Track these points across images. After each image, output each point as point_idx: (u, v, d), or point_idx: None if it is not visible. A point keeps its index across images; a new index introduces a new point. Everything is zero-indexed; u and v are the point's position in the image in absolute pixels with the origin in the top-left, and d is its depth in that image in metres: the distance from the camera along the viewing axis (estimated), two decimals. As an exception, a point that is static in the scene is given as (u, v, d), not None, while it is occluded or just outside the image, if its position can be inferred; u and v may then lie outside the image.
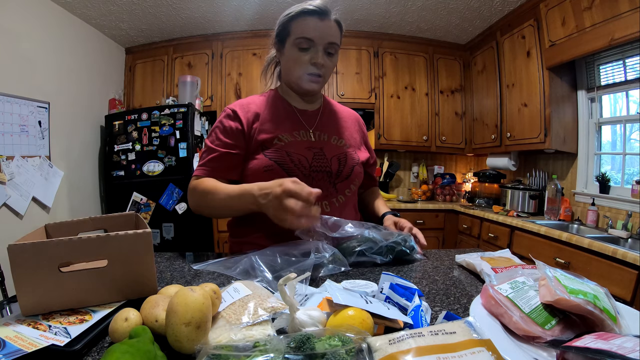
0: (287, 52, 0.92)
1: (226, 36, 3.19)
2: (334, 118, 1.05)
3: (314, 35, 0.87)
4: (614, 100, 2.27)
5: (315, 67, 0.90)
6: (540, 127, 2.39)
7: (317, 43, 0.88)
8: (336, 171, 0.95)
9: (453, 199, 3.27)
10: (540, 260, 0.59)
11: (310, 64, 0.90)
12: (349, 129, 1.07)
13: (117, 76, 3.27)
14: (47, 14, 2.40)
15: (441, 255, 0.98)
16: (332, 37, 0.89)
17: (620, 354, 0.35)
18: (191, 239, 2.69)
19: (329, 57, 0.91)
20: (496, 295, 0.53)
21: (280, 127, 0.95)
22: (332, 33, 0.89)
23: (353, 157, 1.00)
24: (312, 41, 0.88)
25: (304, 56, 0.90)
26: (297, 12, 0.88)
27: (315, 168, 0.93)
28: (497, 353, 0.39)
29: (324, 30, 0.88)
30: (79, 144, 2.76)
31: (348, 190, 0.98)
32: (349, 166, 0.97)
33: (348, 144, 1.02)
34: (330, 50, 0.91)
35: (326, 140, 0.98)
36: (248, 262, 0.75)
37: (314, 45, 0.89)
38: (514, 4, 2.58)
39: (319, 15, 0.87)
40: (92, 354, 0.46)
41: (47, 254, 0.52)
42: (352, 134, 1.07)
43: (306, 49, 0.89)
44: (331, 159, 0.96)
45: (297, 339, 0.41)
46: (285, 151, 0.91)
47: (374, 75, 3.23)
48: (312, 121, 1.00)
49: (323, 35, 0.88)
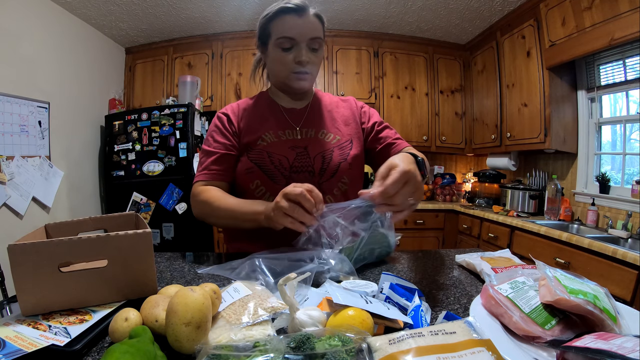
0: (271, 53, 0.91)
1: (226, 36, 3.19)
2: (323, 112, 1.02)
3: (294, 33, 0.86)
4: (614, 100, 2.27)
5: (300, 65, 0.89)
6: (540, 127, 2.39)
7: (299, 41, 0.87)
8: (319, 170, 0.92)
9: (453, 199, 3.27)
10: (540, 260, 0.59)
11: (295, 63, 0.89)
12: (339, 119, 1.01)
13: (117, 76, 3.27)
14: (47, 14, 2.40)
15: (441, 255, 0.98)
16: (313, 32, 0.87)
17: (620, 354, 0.35)
18: (191, 239, 2.69)
19: (313, 53, 0.90)
20: (496, 295, 0.53)
21: (264, 128, 0.94)
22: (313, 28, 0.87)
23: (341, 152, 0.95)
24: (294, 39, 0.87)
25: (287, 56, 0.88)
26: (275, 12, 0.87)
27: (295, 168, 0.91)
28: (497, 353, 0.39)
29: (304, 27, 0.86)
30: (79, 144, 2.76)
31: (336, 190, 0.93)
32: (334, 163, 0.93)
33: (338, 136, 0.97)
34: (314, 45, 0.89)
35: (312, 137, 0.95)
36: (251, 265, 0.74)
37: (297, 44, 0.87)
38: (514, 4, 2.58)
39: (297, 13, 0.85)
40: (92, 354, 0.46)
41: (47, 254, 0.52)
42: (345, 122, 1.01)
43: (289, 49, 0.88)
44: (315, 157, 0.92)
45: (297, 339, 0.41)
46: (266, 152, 0.91)
47: (374, 75, 3.23)
48: (300, 118, 0.98)
49: (303, 32, 0.86)
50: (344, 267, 0.73)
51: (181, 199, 2.67)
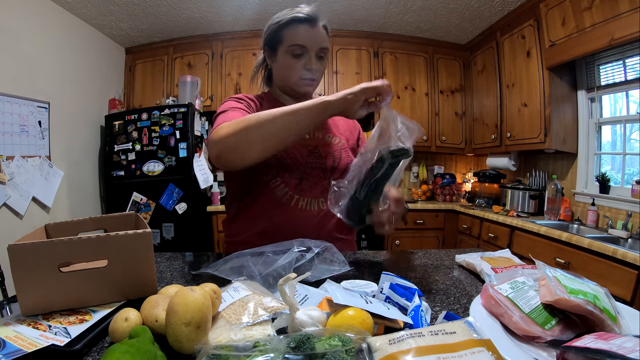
0: (280, 59, 0.95)
1: (226, 36, 3.19)
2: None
3: (307, 42, 0.91)
4: (614, 100, 2.27)
5: (309, 72, 0.94)
6: (540, 127, 2.39)
7: (310, 49, 0.92)
8: (331, 167, 0.97)
9: (453, 199, 3.27)
10: (540, 260, 0.59)
11: (305, 69, 0.93)
12: (340, 127, 1.08)
13: (117, 76, 3.27)
14: (47, 14, 2.40)
15: (441, 255, 0.98)
16: (323, 43, 0.93)
17: (620, 354, 0.35)
18: (191, 239, 2.69)
19: (320, 61, 0.95)
20: (496, 295, 0.53)
21: None
22: (323, 39, 0.93)
23: (347, 154, 1.02)
24: (305, 48, 0.91)
25: (297, 62, 0.93)
26: (288, 20, 0.91)
27: (310, 164, 0.96)
28: (497, 353, 0.39)
29: (316, 37, 0.91)
30: (79, 144, 2.76)
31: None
32: (343, 163, 0.99)
33: (342, 140, 1.04)
34: (322, 54, 0.95)
35: (321, 138, 1.01)
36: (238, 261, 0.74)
37: (307, 52, 0.92)
38: (514, 4, 2.58)
39: (310, 23, 0.91)
40: (92, 354, 0.46)
41: (47, 254, 0.52)
42: (346, 131, 1.09)
43: (299, 55, 0.92)
44: (326, 155, 0.98)
45: (297, 339, 0.41)
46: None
47: (374, 75, 3.23)
48: None
49: (315, 41, 0.91)
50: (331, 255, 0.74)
51: (181, 199, 2.67)
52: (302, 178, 0.94)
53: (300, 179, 0.93)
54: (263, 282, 0.66)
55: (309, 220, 0.92)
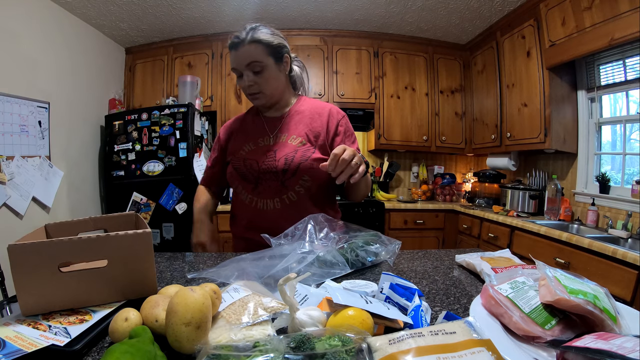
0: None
1: (226, 36, 3.18)
2: (297, 117, 1.11)
3: (235, 65, 1.03)
4: (614, 100, 2.27)
5: (249, 87, 1.03)
6: (540, 127, 2.39)
7: (241, 70, 1.02)
8: (282, 169, 1.03)
9: (453, 199, 3.27)
10: (540, 260, 0.59)
11: (247, 86, 1.03)
12: (311, 124, 1.09)
13: (117, 76, 3.27)
14: (47, 14, 2.40)
15: (441, 255, 0.98)
16: (248, 59, 1.00)
17: (620, 354, 0.35)
18: (191, 239, 2.68)
19: (256, 75, 1.02)
20: (496, 295, 0.53)
21: (246, 140, 1.11)
22: (248, 55, 1.00)
23: (304, 154, 1.04)
24: (237, 70, 1.03)
25: (241, 82, 1.04)
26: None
27: (263, 170, 1.04)
28: (497, 353, 0.39)
29: (240, 58, 1.01)
30: (79, 144, 2.76)
31: (298, 187, 1.03)
32: (295, 162, 1.03)
33: (304, 140, 1.06)
34: (255, 68, 1.01)
35: (283, 141, 1.07)
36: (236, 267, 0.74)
37: (240, 73, 1.03)
38: (514, 4, 2.58)
39: (234, 48, 1.01)
40: (92, 354, 0.46)
41: (47, 254, 0.52)
42: (314, 128, 1.08)
43: (240, 76, 1.04)
44: (280, 158, 1.04)
45: (297, 339, 0.41)
46: (243, 159, 1.08)
47: (374, 75, 3.23)
48: (276, 125, 1.11)
49: (240, 61, 1.01)
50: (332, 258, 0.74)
51: (181, 199, 2.66)
52: (257, 183, 1.05)
53: (255, 183, 1.05)
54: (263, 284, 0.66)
55: (267, 217, 1.04)
